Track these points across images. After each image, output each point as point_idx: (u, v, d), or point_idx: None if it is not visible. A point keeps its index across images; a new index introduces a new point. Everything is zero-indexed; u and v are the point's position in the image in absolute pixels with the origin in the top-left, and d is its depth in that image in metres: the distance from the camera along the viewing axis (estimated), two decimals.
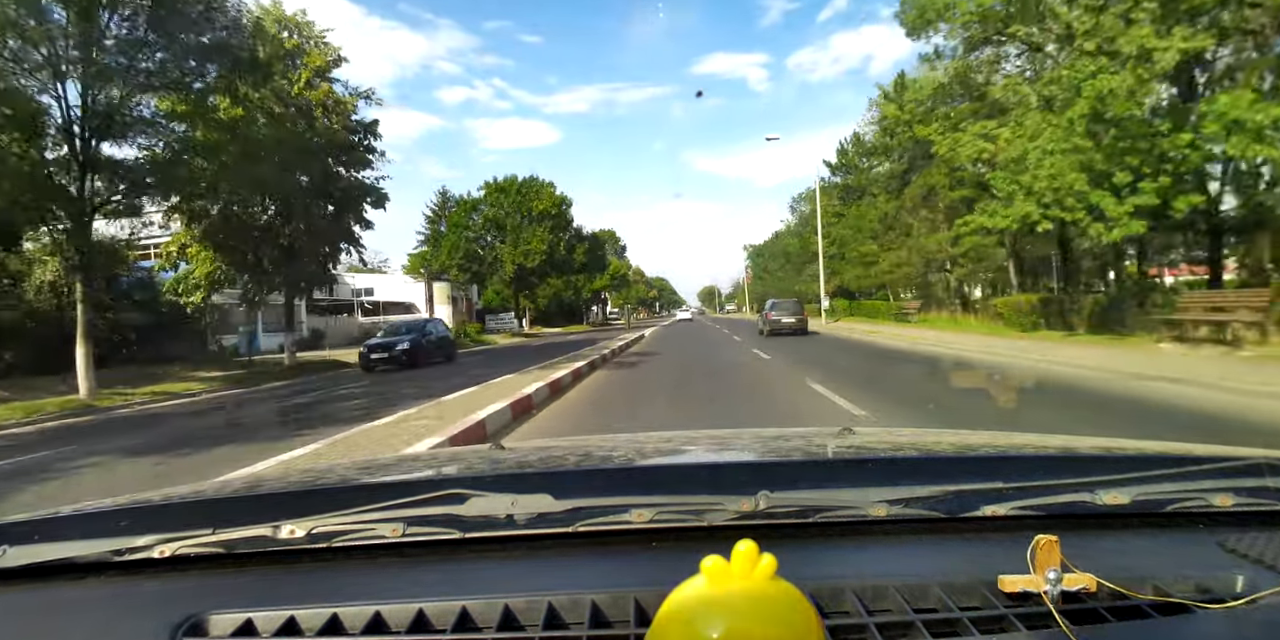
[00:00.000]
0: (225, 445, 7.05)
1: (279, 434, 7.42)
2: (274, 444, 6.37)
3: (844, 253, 36.38)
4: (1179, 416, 6.03)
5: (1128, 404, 6.80)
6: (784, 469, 1.12)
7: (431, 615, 0.70)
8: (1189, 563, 0.76)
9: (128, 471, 6.17)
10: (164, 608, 0.73)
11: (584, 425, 6.93)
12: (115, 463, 6.68)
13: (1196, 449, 1.09)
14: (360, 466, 1.39)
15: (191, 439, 7.76)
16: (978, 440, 1.37)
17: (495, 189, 41.89)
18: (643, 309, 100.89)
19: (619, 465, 1.21)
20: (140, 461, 6.65)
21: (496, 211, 41.40)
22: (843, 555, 0.82)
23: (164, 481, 4.89)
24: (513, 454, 1.29)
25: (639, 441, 1.52)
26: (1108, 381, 8.35)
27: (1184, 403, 6.62)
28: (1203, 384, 7.41)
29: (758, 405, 7.91)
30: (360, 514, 0.80)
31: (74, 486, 5.60)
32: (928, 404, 7.21)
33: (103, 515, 0.92)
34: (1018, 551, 0.69)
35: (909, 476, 0.90)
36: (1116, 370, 9.04)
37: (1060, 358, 10.80)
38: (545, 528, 0.81)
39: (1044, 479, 0.86)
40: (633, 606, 0.69)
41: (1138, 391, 7.46)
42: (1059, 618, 0.63)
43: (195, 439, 7.72)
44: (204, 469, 5.53)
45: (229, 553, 0.81)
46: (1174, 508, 0.84)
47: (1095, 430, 5.09)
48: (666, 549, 0.82)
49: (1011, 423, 5.83)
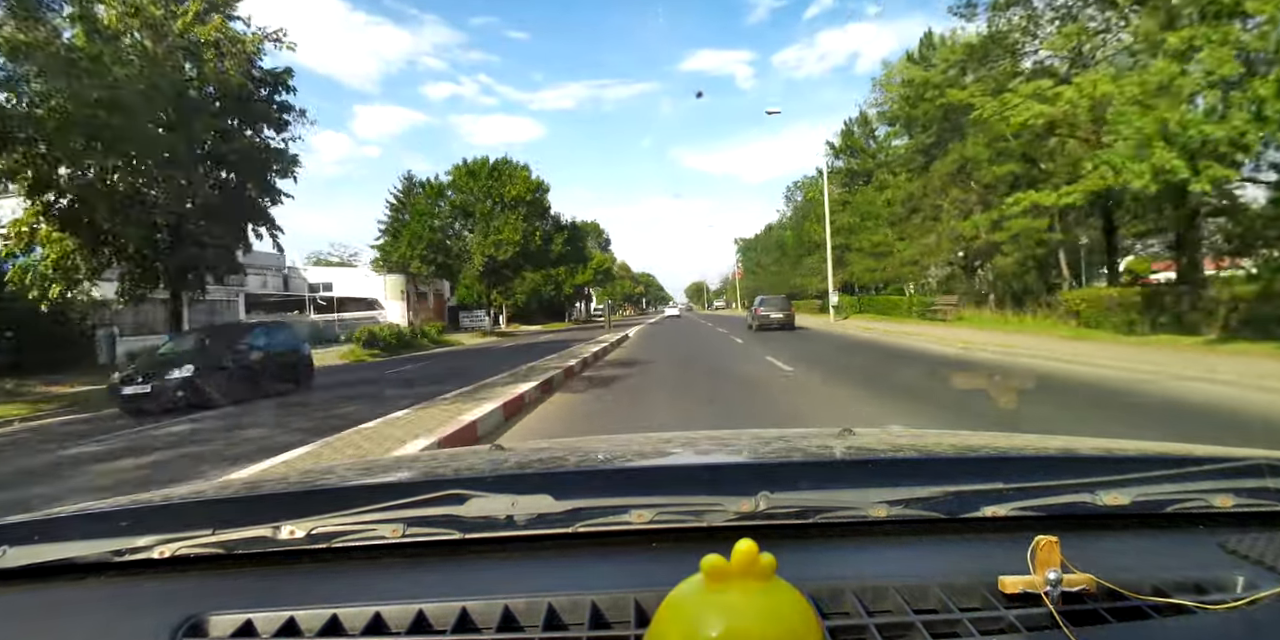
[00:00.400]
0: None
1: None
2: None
3: (850, 243, 32.65)
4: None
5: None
6: (784, 470, 1.11)
7: (431, 616, 0.70)
8: (1189, 563, 0.76)
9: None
10: (164, 608, 0.73)
11: None
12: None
13: (1197, 449, 1.09)
14: (360, 467, 1.40)
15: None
16: (978, 441, 1.37)
17: (464, 172, 36.82)
18: (629, 306, 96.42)
19: (619, 466, 1.20)
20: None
21: (465, 197, 36.37)
22: (843, 556, 0.81)
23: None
24: (513, 454, 1.30)
25: (639, 442, 1.52)
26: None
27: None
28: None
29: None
30: (360, 514, 0.80)
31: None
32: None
33: (103, 515, 0.92)
34: (1018, 552, 0.69)
35: (909, 477, 0.91)
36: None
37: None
38: (545, 528, 0.81)
39: (1044, 480, 0.86)
40: (633, 607, 0.69)
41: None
42: (1059, 618, 0.63)
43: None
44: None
45: (229, 553, 0.81)
46: (1174, 508, 0.84)
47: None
48: (666, 550, 0.82)
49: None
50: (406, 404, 7.60)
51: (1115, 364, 9.18)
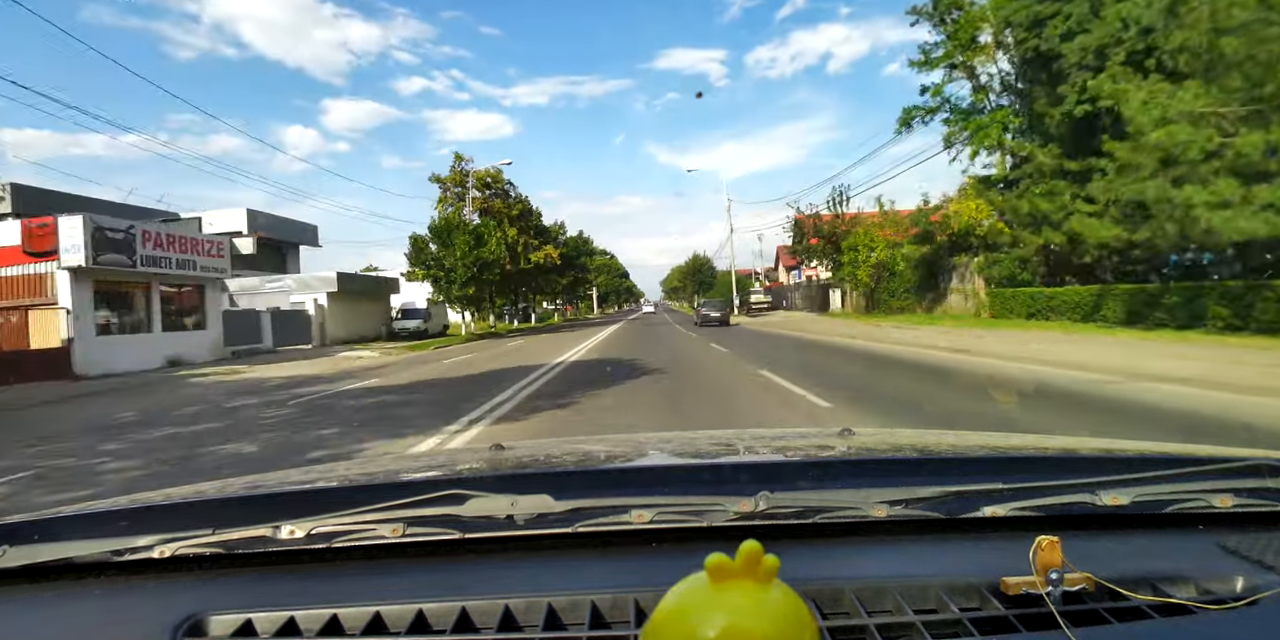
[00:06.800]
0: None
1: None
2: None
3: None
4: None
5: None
6: (784, 469, 1.12)
7: (431, 616, 0.70)
8: (1189, 563, 0.76)
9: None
10: (164, 608, 0.72)
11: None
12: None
13: (1196, 450, 1.09)
14: (360, 467, 1.39)
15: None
16: (978, 441, 1.37)
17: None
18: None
19: (619, 466, 1.20)
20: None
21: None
22: (843, 556, 0.81)
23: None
24: (512, 454, 1.29)
25: (639, 442, 1.51)
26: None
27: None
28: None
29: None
30: (360, 514, 0.80)
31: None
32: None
33: (103, 515, 0.92)
34: (1018, 552, 0.69)
35: (909, 477, 0.91)
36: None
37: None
38: (545, 528, 0.81)
39: (1044, 480, 0.86)
40: (632, 607, 0.69)
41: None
42: (1060, 618, 0.63)
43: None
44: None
45: (229, 553, 0.81)
46: (1174, 508, 0.84)
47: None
48: (666, 550, 0.82)
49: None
50: None
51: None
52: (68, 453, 6.46)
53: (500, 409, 7.53)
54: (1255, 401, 6.00)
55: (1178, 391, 6.66)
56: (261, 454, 5.84)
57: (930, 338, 14.61)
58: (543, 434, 5.97)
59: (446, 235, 29.29)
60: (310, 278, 28.57)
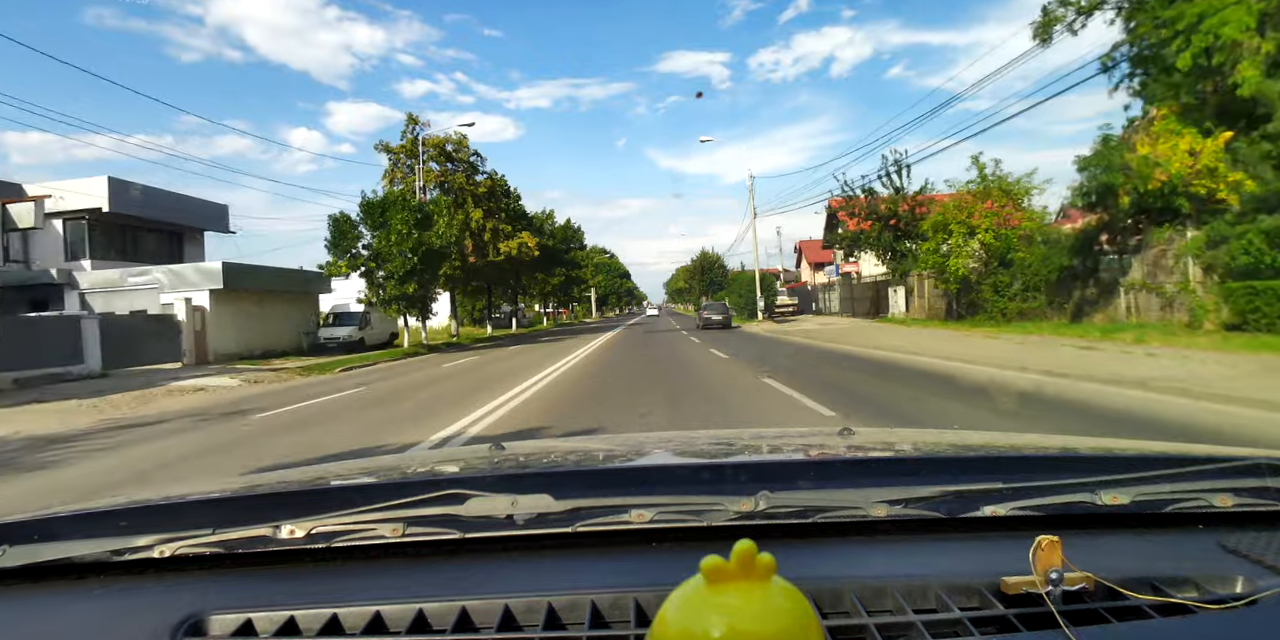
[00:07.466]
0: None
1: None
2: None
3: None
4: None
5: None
6: (784, 469, 1.11)
7: (431, 615, 0.70)
8: (1189, 563, 0.76)
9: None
10: (164, 608, 0.72)
11: None
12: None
13: (1196, 449, 1.09)
14: (360, 467, 1.39)
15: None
16: (978, 440, 1.36)
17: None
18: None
19: (619, 465, 1.20)
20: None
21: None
22: (843, 555, 0.81)
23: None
24: (512, 454, 1.29)
25: (638, 442, 1.51)
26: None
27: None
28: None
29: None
30: (360, 514, 0.80)
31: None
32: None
33: (103, 515, 0.92)
34: (1018, 552, 0.69)
35: (909, 477, 0.91)
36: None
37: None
38: (545, 528, 0.81)
39: (1044, 479, 0.85)
40: (632, 607, 0.69)
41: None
42: (1060, 618, 0.63)
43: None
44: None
45: (229, 553, 0.81)
46: (1174, 508, 0.84)
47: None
48: (666, 549, 0.82)
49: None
50: None
51: None
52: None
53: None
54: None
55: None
56: None
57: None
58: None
59: (380, 214, 21.69)
60: (188, 269, 20.73)
